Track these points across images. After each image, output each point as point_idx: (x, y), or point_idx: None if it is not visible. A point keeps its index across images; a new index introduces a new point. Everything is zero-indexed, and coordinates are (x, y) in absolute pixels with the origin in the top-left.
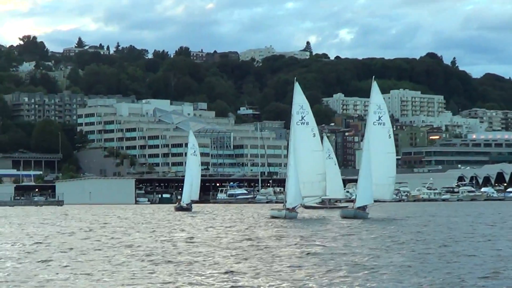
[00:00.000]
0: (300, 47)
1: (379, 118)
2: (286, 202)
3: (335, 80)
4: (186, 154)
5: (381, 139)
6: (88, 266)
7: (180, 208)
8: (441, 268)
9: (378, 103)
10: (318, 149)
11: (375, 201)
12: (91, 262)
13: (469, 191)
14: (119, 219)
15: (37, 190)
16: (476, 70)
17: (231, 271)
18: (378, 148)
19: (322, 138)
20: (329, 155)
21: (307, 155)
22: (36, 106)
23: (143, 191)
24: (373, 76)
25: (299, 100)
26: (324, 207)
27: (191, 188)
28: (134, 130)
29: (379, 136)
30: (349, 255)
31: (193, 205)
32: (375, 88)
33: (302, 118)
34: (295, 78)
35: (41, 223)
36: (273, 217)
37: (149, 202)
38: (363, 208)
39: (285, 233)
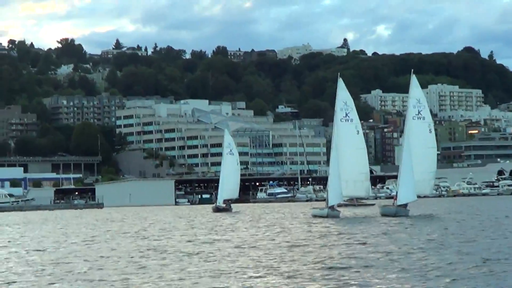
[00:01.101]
0: (337, 44)
1: (419, 112)
2: (328, 200)
3: (372, 77)
4: None
5: (421, 134)
6: None
7: (217, 209)
8: None
9: (417, 97)
10: (362, 147)
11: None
12: None
13: (509, 185)
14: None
15: (77, 193)
16: None
17: None
18: (419, 143)
19: None
20: None
21: (351, 153)
22: (75, 109)
23: (182, 192)
24: (412, 70)
25: (343, 96)
26: (352, 204)
27: (223, 189)
28: (173, 130)
29: (419, 130)
30: None
31: (232, 205)
32: (414, 82)
33: (346, 114)
34: (339, 74)
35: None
36: (315, 216)
37: (189, 203)
38: (405, 205)
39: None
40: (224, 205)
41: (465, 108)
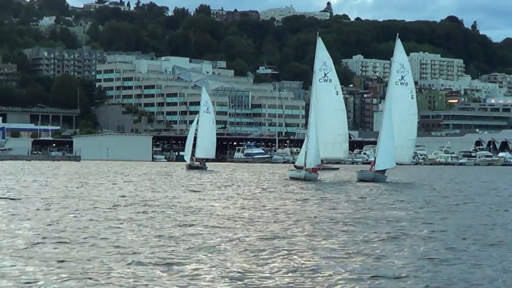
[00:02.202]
0: (321, 7)
1: (402, 77)
2: (306, 162)
3: (354, 42)
4: None
5: (403, 100)
6: None
7: (190, 167)
8: None
9: (401, 62)
10: (341, 108)
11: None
12: None
13: (486, 156)
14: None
15: (54, 145)
16: (496, 34)
17: None
18: (400, 109)
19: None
20: None
21: (329, 114)
22: (56, 61)
23: (160, 149)
24: (397, 34)
25: (322, 56)
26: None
27: (197, 146)
28: (152, 87)
29: (401, 96)
30: None
31: (209, 163)
32: (399, 46)
33: (325, 75)
34: (318, 33)
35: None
36: (292, 178)
37: (166, 160)
38: (383, 171)
39: None
40: (198, 163)
41: (446, 77)
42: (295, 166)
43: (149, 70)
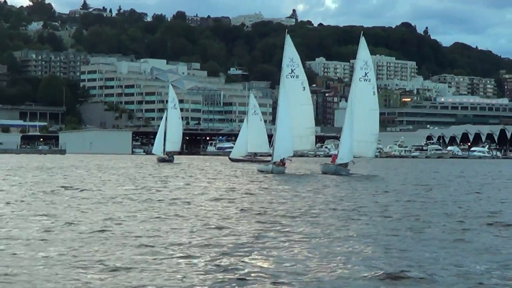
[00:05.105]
0: (287, 14)
1: (365, 74)
2: (273, 156)
3: (317, 45)
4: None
5: (366, 96)
6: None
7: (162, 160)
8: None
9: (365, 59)
10: (307, 103)
11: (356, 157)
12: None
13: (436, 149)
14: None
15: (41, 139)
16: (446, 39)
17: None
18: (363, 105)
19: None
20: (254, 111)
21: (296, 109)
22: (43, 62)
23: (139, 143)
24: (362, 32)
25: (290, 52)
26: (250, 160)
27: (167, 140)
28: (132, 86)
29: (364, 92)
30: None
31: (175, 156)
32: (362, 44)
33: (292, 71)
34: (286, 31)
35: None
36: (260, 171)
37: (144, 153)
38: (345, 164)
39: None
40: (166, 156)
41: (400, 78)
42: (229, 159)
43: (129, 71)
